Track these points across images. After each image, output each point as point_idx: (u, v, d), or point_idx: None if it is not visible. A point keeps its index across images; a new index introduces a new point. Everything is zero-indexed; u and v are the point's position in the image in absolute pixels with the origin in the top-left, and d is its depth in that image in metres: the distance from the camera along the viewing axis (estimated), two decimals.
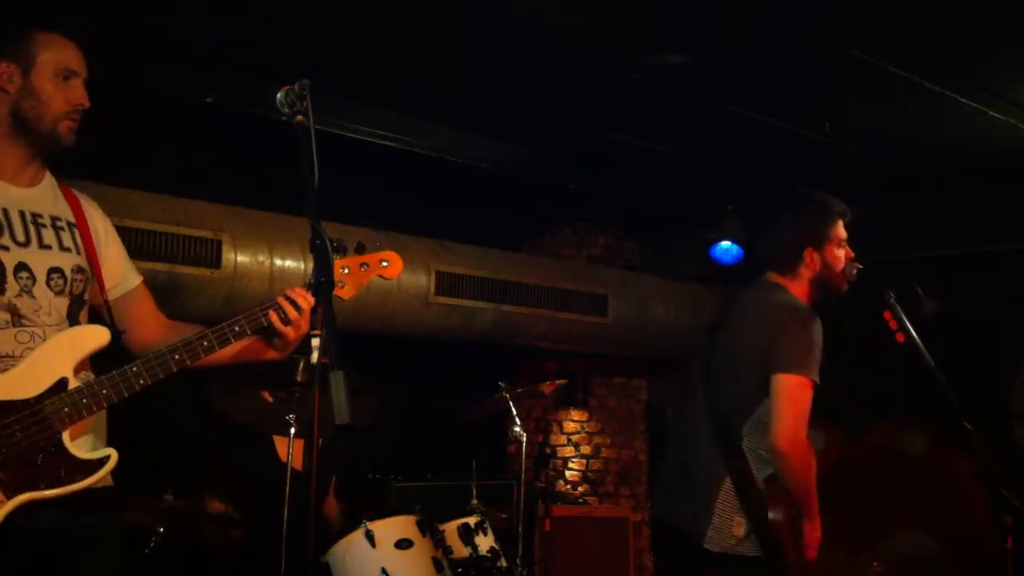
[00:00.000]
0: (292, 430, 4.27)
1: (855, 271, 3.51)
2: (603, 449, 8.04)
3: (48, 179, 2.70)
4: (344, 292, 2.75)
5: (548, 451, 7.90)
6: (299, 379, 4.33)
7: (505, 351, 7.24)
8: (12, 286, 2.49)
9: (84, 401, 2.48)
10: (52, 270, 2.57)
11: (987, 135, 5.58)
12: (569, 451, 8.00)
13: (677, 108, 5.43)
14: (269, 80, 2.65)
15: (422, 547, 4.21)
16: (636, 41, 4.67)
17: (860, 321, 3.77)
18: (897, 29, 4.39)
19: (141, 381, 2.52)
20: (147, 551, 4.06)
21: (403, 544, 4.16)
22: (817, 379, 3.28)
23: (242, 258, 5.30)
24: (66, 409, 2.46)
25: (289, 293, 2.64)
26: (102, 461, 2.50)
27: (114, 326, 2.64)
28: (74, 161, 2.71)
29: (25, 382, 2.45)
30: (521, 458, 5.17)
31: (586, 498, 7.79)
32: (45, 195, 2.66)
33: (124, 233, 4.91)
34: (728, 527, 3.32)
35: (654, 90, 5.15)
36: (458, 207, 7.17)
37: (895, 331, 3.36)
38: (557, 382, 5.51)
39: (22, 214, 2.57)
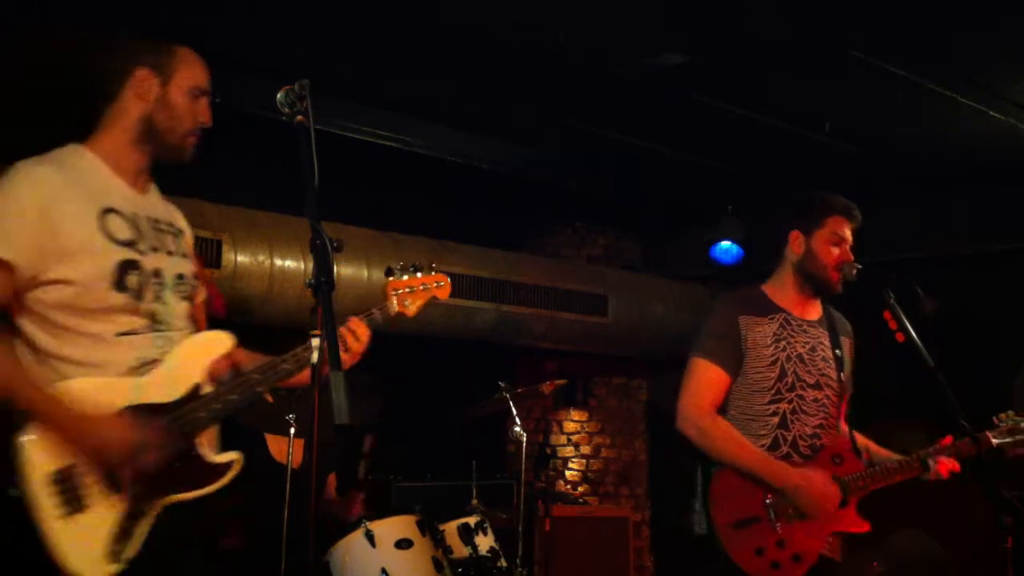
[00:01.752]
0: (292, 430, 4.27)
1: (855, 271, 3.51)
2: (603, 449, 8.04)
3: (154, 186, 2.74)
4: (408, 310, 2.96)
5: (548, 451, 7.90)
6: None
7: (505, 351, 7.24)
8: (150, 292, 2.53)
9: (217, 407, 2.54)
10: (177, 276, 2.63)
11: (987, 135, 5.58)
12: (569, 451, 8.00)
13: (677, 108, 5.43)
14: (269, 80, 2.66)
15: (422, 547, 4.21)
16: (636, 41, 4.67)
17: (860, 321, 3.77)
18: (897, 29, 4.39)
19: (260, 389, 2.60)
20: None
21: (403, 544, 4.16)
22: (714, 360, 3.48)
23: (242, 258, 5.30)
24: (202, 414, 2.52)
25: (351, 325, 2.75)
26: (229, 464, 2.57)
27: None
28: None
29: (165, 386, 2.51)
30: (521, 458, 5.16)
31: (586, 498, 7.79)
32: (156, 201, 2.71)
33: None
34: (706, 510, 3.48)
35: (654, 90, 5.15)
36: (458, 207, 7.17)
37: (895, 331, 3.37)
38: (557, 382, 5.51)
39: (148, 220, 2.61)
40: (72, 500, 2.34)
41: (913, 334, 3.33)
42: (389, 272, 2.94)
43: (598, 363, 7.90)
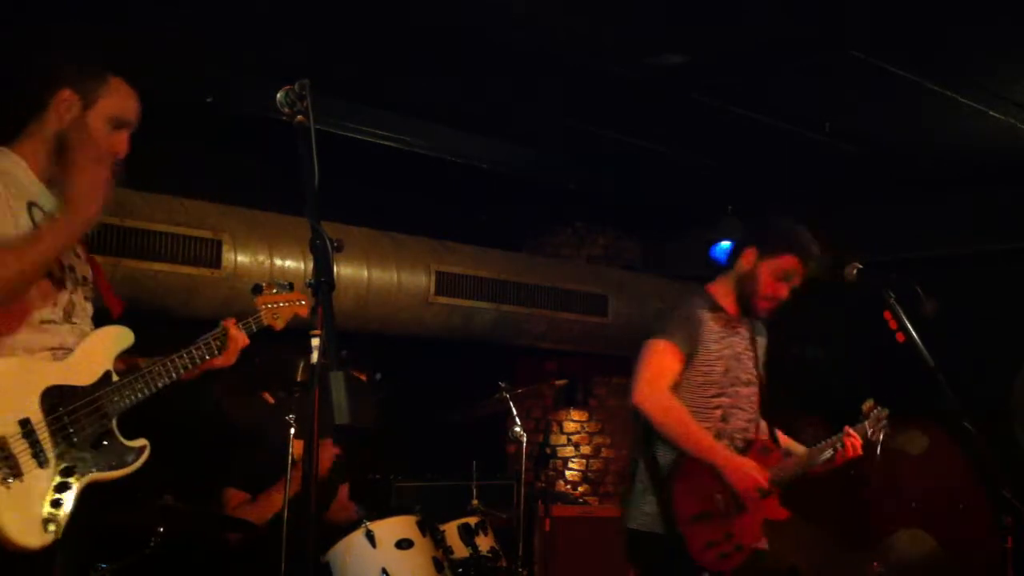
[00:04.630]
0: (292, 430, 4.26)
1: (855, 271, 3.55)
2: (603, 449, 8.04)
3: None
4: (277, 324, 3.19)
5: (548, 451, 7.90)
6: (299, 379, 4.33)
7: (505, 351, 7.23)
8: (70, 284, 2.67)
9: (127, 393, 2.69)
10: (83, 277, 2.75)
11: (987, 135, 5.58)
12: (569, 451, 8.00)
13: (677, 108, 5.43)
14: (269, 80, 2.66)
15: (422, 547, 4.21)
16: (636, 41, 4.67)
17: (859, 321, 3.78)
18: (897, 29, 4.39)
19: (160, 382, 2.76)
20: (147, 551, 4.06)
21: (403, 544, 4.16)
22: (676, 342, 3.62)
23: (242, 258, 5.30)
24: (116, 398, 2.67)
25: (232, 331, 2.96)
26: (142, 448, 2.71)
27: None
28: None
29: (81, 371, 2.64)
30: (521, 458, 5.16)
31: (586, 498, 7.79)
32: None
33: (124, 233, 4.94)
34: (641, 505, 3.58)
35: (654, 90, 5.15)
36: (458, 207, 7.17)
37: (895, 331, 3.38)
38: (557, 382, 5.51)
39: None
40: (10, 465, 2.43)
41: (914, 334, 3.34)
42: (257, 290, 3.20)
43: (598, 363, 7.90)
